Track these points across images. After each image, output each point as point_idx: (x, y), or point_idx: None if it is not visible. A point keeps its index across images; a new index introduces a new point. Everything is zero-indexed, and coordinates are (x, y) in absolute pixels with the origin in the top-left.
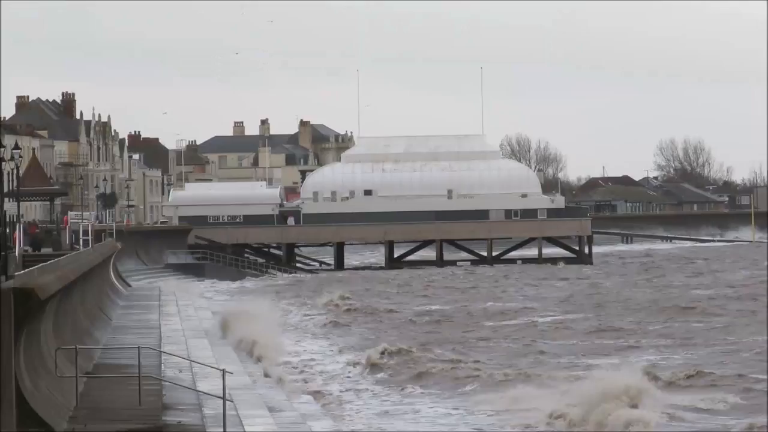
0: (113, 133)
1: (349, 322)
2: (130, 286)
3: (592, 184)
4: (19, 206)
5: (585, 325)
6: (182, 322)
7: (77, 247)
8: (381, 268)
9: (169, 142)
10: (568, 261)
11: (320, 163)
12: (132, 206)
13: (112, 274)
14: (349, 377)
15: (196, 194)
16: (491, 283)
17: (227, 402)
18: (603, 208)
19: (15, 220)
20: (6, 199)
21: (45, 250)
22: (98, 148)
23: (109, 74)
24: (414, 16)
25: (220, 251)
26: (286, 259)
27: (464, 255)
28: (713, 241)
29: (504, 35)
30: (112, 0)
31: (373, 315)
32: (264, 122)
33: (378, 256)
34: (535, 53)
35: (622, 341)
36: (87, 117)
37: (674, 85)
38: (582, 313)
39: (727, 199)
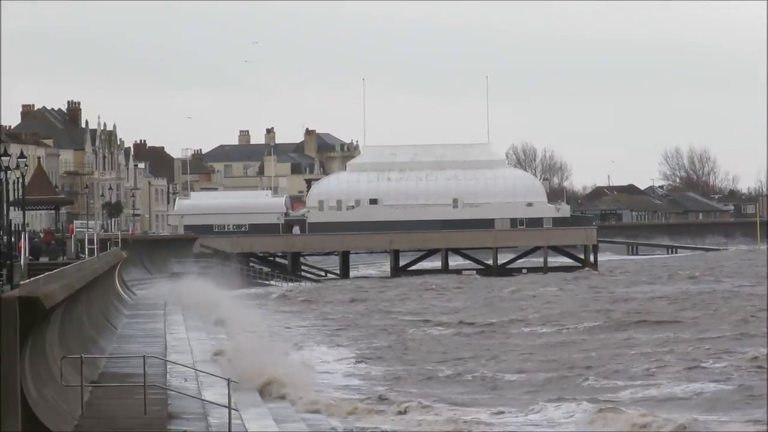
0: (119, 142)
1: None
2: (135, 295)
3: (598, 192)
4: (24, 215)
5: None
6: (188, 332)
7: (83, 256)
8: (386, 276)
9: (175, 151)
10: (573, 269)
11: (326, 171)
12: (137, 215)
13: (117, 283)
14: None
15: (202, 203)
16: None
17: (233, 411)
18: (608, 217)
19: (20, 229)
20: (11, 208)
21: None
22: (104, 157)
23: (114, 83)
24: (419, 24)
25: (225, 260)
26: (291, 268)
27: (470, 264)
28: (718, 249)
29: (509, 44)
30: (117, 8)
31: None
32: (269, 131)
33: (384, 265)
34: (540, 62)
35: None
36: (92, 126)
37: (680, 94)
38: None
39: (732, 208)
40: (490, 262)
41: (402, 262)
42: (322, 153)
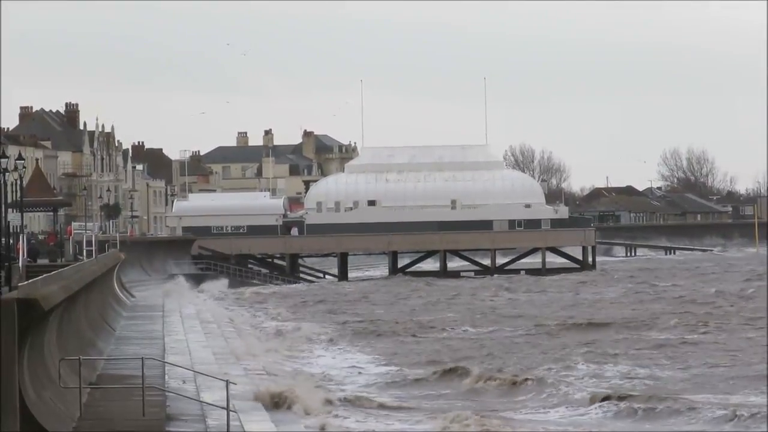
0: (117, 144)
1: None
2: (133, 296)
3: (596, 194)
4: (22, 217)
5: None
6: (186, 333)
7: (81, 257)
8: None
9: (173, 153)
10: (572, 271)
11: (324, 173)
12: (136, 217)
13: (115, 284)
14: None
15: (200, 205)
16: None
17: (231, 413)
18: (607, 219)
19: (18, 230)
20: (10, 210)
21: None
22: (102, 159)
23: (112, 85)
24: (417, 26)
25: (223, 262)
26: (289, 269)
27: (468, 265)
28: (715, 250)
29: (507, 45)
30: (116, 10)
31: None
32: (267, 132)
33: (382, 267)
34: (538, 63)
35: None
36: (90, 127)
37: (678, 95)
38: None
39: (730, 209)
40: (488, 263)
41: (400, 264)
42: (320, 154)
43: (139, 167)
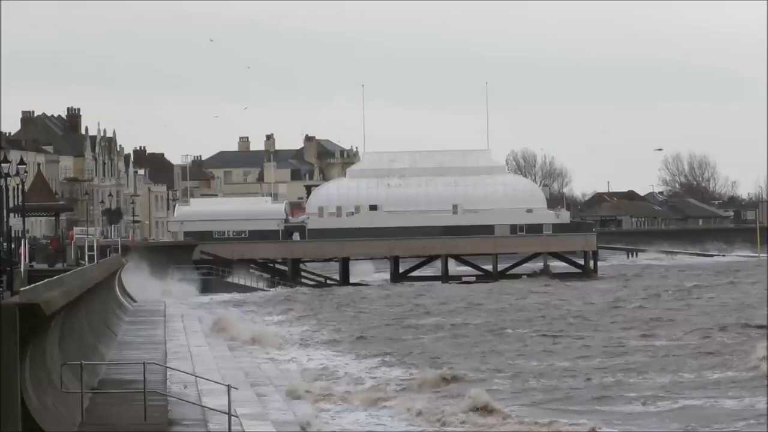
0: (118, 149)
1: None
2: (135, 301)
3: (598, 199)
4: (24, 222)
5: None
6: (187, 337)
7: (83, 262)
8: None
9: (175, 158)
10: (573, 276)
11: (325, 178)
12: (137, 222)
13: (117, 289)
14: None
15: (202, 209)
16: None
17: (232, 417)
18: (608, 223)
19: (20, 235)
20: (11, 215)
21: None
22: (103, 164)
23: (114, 90)
24: (419, 30)
25: (225, 266)
26: (291, 274)
27: (470, 270)
28: (717, 256)
29: (509, 50)
30: (117, 16)
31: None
32: (269, 137)
33: (384, 271)
34: (540, 68)
35: None
36: (92, 132)
37: (679, 100)
38: None
39: (732, 213)
40: (490, 268)
41: (402, 269)
42: (321, 159)
43: (141, 172)
